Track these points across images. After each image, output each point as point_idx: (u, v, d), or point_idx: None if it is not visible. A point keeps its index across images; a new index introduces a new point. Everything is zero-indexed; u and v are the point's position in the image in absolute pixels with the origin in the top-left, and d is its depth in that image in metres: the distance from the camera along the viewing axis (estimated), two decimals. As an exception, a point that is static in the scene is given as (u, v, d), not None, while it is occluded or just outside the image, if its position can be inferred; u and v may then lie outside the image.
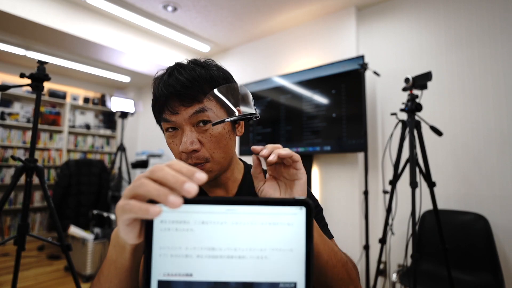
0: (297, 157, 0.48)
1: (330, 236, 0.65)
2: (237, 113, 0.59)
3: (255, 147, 0.49)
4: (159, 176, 0.31)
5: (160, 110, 0.59)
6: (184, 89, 0.56)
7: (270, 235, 0.33)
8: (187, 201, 0.33)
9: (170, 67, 0.61)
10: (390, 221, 1.73)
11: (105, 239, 2.77)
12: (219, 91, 0.57)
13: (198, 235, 0.33)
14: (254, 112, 0.57)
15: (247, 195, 0.66)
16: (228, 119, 0.55)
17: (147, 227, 0.33)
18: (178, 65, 0.60)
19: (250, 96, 0.59)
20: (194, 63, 0.61)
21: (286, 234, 0.33)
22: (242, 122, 0.65)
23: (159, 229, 0.33)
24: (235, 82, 0.63)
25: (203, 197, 0.31)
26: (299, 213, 0.33)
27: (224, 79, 0.61)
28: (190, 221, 0.33)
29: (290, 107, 2.63)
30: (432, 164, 1.78)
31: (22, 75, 1.37)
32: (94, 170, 3.83)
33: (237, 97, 0.59)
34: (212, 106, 0.58)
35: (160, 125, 0.64)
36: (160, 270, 0.33)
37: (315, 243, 0.46)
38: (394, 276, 1.80)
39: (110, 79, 4.66)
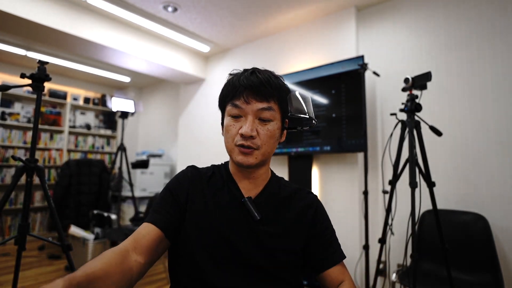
0: None
1: (343, 257, 0.75)
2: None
3: None
4: None
5: (233, 96, 0.71)
6: (261, 86, 0.69)
7: None
8: None
9: (249, 69, 0.75)
10: (389, 221, 1.73)
11: (105, 239, 2.78)
12: (285, 99, 0.73)
13: None
14: (314, 119, 0.74)
15: (267, 199, 0.76)
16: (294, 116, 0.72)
17: None
18: (256, 69, 0.74)
19: (311, 104, 0.74)
20: (268, 72, 0.75)
21: None
22: (285, 131, 0.78)
23: None
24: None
25: None
26: None
27: (288, 91, 0.76)
28: None
29: (290, 107, 2.63)
30: (432, 164, 1.78)
31: (22, 75, 1.37)
32: (94, 170, 3.84)
33: (296, 106, 0.73)
34: (275, 108, 0.71)
35: (223, 109, 0.76)
36: None
37: None
38: (393, 276, 1.80)
39: (110, 79, 4.66)
